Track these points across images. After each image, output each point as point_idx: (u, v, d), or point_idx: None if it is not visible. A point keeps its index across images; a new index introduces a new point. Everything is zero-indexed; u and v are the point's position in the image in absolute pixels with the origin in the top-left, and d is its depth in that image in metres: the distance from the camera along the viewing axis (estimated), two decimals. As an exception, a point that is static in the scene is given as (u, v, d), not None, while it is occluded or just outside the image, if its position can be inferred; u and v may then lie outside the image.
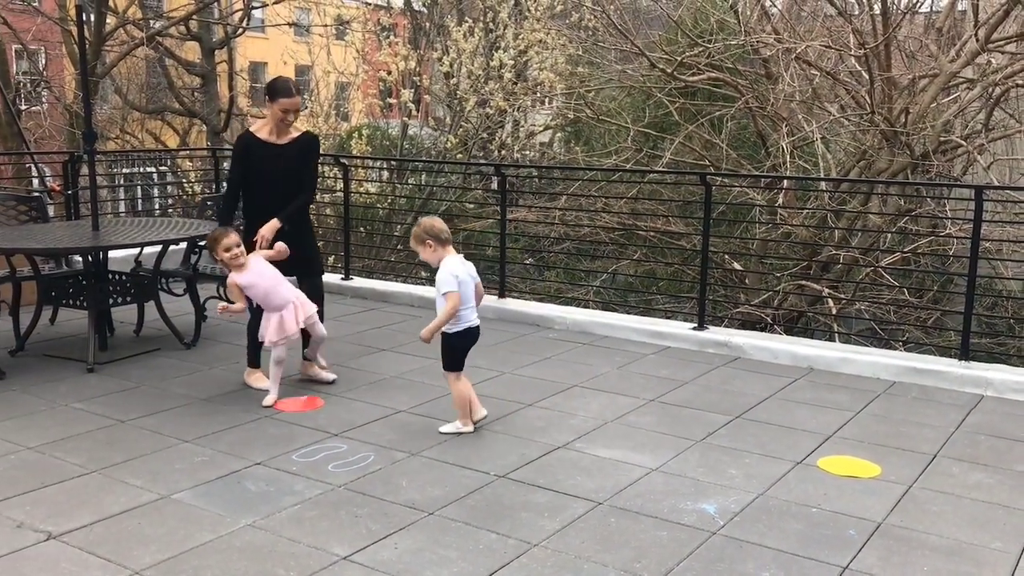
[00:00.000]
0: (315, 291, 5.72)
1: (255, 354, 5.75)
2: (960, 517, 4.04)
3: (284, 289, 5.39)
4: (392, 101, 14.84)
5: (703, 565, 3.57)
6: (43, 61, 21.80)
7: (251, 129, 5.71)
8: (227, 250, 5.29)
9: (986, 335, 11.26)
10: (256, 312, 5.52)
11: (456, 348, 4.91)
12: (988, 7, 10.20)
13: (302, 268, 5.74)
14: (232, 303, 5.38)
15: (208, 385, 5.72)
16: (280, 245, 5.48)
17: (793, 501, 4.17)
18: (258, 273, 5.33)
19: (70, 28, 16.05)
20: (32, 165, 8.82)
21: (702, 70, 11.97)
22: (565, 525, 3.89)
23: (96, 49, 16.02)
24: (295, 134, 5.67)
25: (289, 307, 5.35)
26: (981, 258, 6.54)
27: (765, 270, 11.93)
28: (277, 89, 5.51)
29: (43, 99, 21.45)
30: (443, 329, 4.83)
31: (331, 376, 5.79)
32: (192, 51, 20.38)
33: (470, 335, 4.92)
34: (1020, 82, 10.05)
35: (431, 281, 12.05)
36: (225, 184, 5.82)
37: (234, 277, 5.31)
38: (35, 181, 9.35)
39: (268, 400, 5.35)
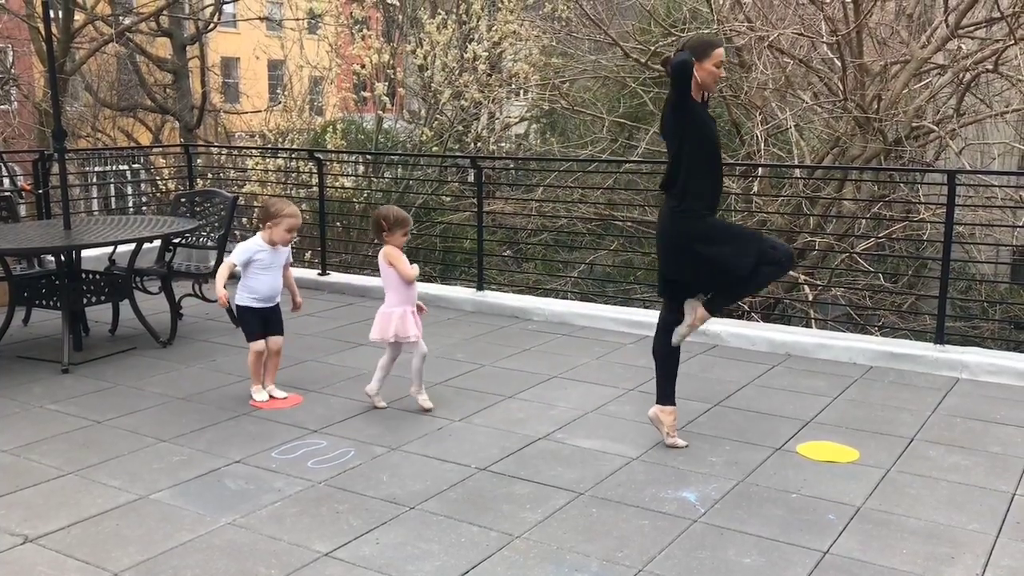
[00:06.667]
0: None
1: (669, 388, 4.65)
2: (938, 499, 4.08)
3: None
4: (366, 95, 14.76)
5: (685, 553, 3.58)
6: (11, 59, 21.50)
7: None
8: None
9: (960, 318, 11.36)
10: (662, 338, 4.63)
11: None
12: (957, -7, 10.25)
13: None
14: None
15: (185, 384, 5.67)
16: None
17: (773, 487, 4.19)
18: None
19: (37, 25, 15.82)
20: (1, 164, 8.67)
21: (676, 59, 11.94)
22: (547, 516, 3.89)
23: (64, 46, 15.83)
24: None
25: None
26: (954, 242, 6.59)
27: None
28: (707, 43, 4.42)
29: (12, 97, 21.17)
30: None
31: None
32: (163, 47, 20.17)
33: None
34: (990, 67, 10.12)
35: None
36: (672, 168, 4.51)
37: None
38: (5, 180, 9.21)
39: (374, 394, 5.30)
